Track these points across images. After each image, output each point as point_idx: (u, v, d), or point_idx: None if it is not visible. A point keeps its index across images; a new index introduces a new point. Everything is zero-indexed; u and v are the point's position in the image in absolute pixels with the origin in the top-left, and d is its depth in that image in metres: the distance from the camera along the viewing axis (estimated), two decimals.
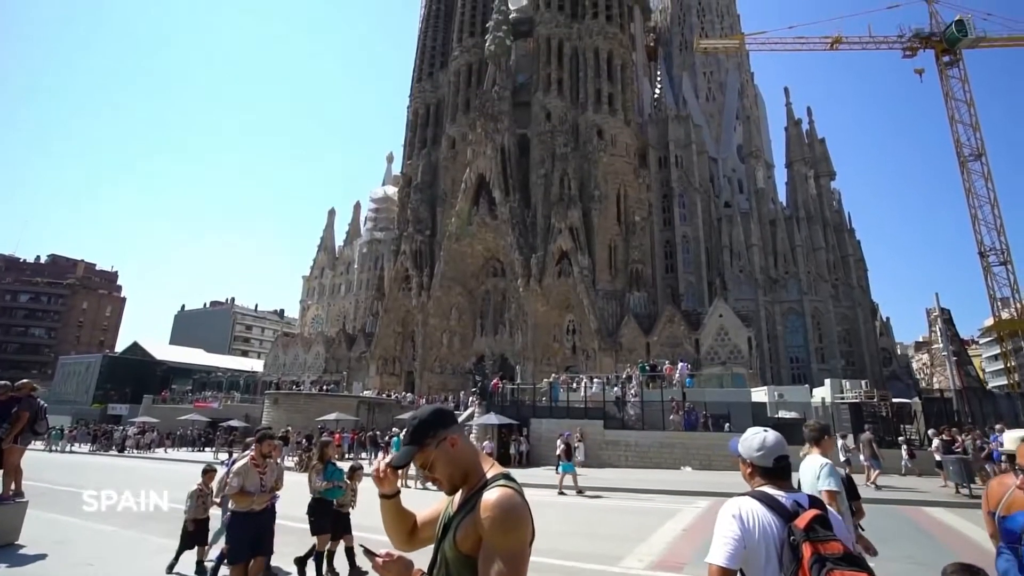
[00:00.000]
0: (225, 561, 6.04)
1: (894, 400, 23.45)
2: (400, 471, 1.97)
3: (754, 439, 2.25)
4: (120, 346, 79.25)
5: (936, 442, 16.53)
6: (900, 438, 19.61)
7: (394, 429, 26.65)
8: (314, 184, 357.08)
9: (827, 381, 26.37)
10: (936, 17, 48.94)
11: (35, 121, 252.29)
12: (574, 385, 28.00)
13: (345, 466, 7.56)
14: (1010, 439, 3.50)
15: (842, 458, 14.26)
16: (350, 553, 7.01)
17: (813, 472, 4.02)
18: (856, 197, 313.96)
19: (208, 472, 7.56)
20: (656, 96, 59.33)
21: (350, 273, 69.02)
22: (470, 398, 33.81)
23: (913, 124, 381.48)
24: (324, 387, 41.64)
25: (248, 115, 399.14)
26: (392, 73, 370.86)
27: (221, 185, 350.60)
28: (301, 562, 6.71)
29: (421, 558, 1.81)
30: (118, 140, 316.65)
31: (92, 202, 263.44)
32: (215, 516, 7.28)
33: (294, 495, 7.19)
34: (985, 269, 44.36)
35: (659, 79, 61.03)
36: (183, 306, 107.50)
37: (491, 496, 1.66)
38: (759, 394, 26.08)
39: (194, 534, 7.06)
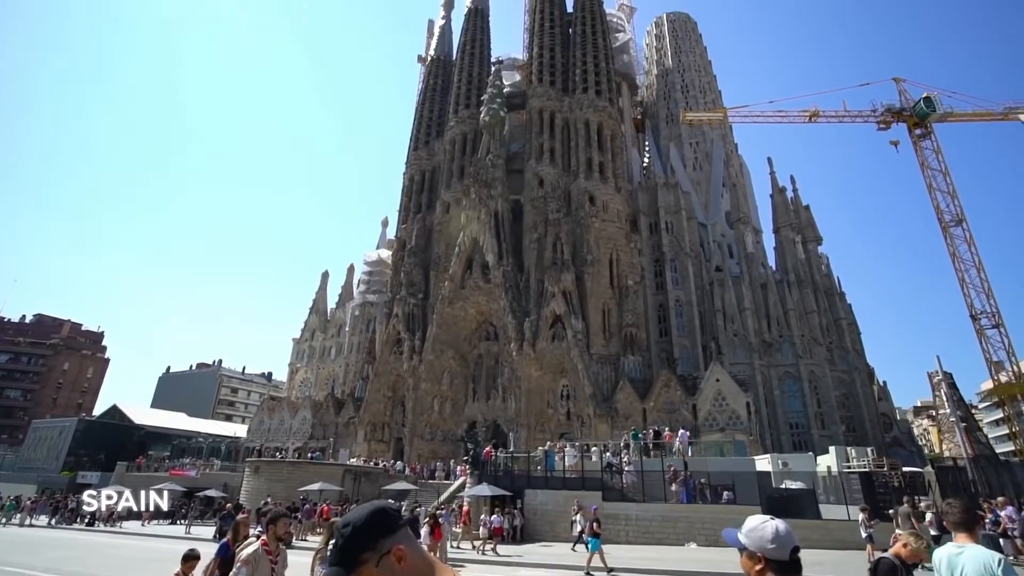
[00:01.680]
0: None
1: (904, 469, 22.57)
2: None
3: (765, 529, 1.91)
4: (99, 409, 76.40)
5: (929, 516, 15.06)
6: (890, 511, 18.32)
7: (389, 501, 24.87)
8: (309, 247, 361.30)
9: (831, 449, 25.52)
10: (905, 95, 51.83)
11: (29, 172, 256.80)
12: (563, 454, 26.83)
13: None
14: None
15: (863, 534, 13.38)
16: None
17: (983, 569, 3.12)
18: (843, 262, 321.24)
19: (190, 559, 6.48)
20: (645, 165, 61.33)
21: (341, 336, 67.96)
22: (458, 467, 32.43)
23: (896, 189, 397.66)
24: (309, 454, 39.90)
25: (243, 178, 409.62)
26: (388, 140, 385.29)
27: (216, 246, 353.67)
28: None
29: None
30: (113, 199, 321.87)
31: (83, 261, 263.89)
32: None
33: None
34: (979, 332, 44.38)
35: (647, 149, 63.37)
36: (168, 368, 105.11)
37: None
38: (762, 463, 25.09)
39: None
